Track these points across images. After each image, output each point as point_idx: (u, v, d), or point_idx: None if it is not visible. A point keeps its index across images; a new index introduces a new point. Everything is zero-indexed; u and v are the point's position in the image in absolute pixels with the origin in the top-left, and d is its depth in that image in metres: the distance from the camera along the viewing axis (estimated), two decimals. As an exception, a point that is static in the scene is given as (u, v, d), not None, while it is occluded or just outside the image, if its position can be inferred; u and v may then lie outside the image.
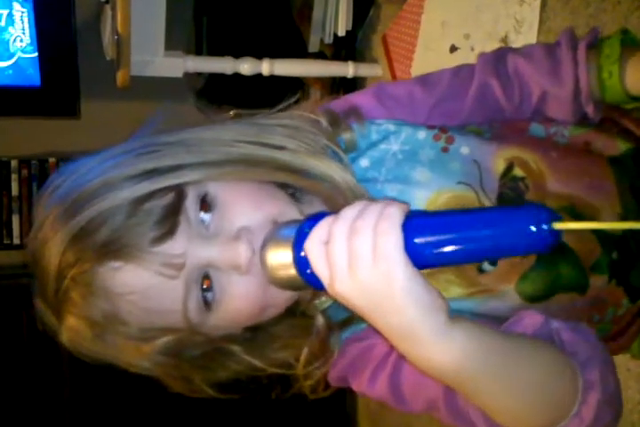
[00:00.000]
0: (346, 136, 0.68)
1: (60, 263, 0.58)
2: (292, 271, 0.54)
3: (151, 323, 0.60)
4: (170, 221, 0.57)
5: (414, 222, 0.48)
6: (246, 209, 0.61)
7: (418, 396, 0.62)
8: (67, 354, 0.64)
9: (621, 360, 1.04)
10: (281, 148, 0.64)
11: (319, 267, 0.50)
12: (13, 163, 2.42)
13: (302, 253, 0.52)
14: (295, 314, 0.66)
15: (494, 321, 0.59)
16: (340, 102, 0.73)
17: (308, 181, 0.63)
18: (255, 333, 0.65)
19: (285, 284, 0.56)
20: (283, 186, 0.65)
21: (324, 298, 0.66)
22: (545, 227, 0.43)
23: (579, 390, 0.53)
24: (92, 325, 0.59)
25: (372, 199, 0.57)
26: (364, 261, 0.47)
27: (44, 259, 0.59)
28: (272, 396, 0.67)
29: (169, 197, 0.58)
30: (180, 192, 0.59)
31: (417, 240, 0.47)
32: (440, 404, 0.59)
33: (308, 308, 0.66)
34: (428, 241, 0.47)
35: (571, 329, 0.56)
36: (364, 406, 2.54)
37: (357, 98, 0.74)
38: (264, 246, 0.56)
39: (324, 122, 0.68)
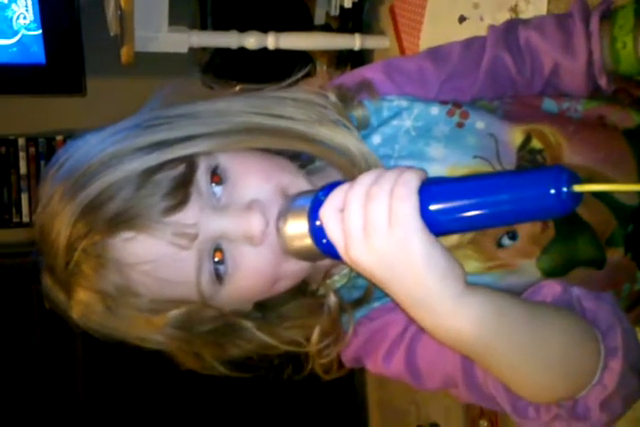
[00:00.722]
0: (357, 113, 0.67)
1: (71, 235, 0.57)
2: (308, 241, 0.53)
3: (163, 294, 0.59)
4: (181, 191, 0.57)
5: (431, 188, 0.47)
6: (256, 181, 0.60)
7: (435, 372, 0.61)
8: (79, 331, 0.63)
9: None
10: (292, 118, 0.63)
11: (334, 234, 0.50)
12: (21, 141, 2.42)
13: (318, 223, 0.52)
14: (306, 294, 0.66)
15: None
16: (351, 77, 0.72)
17: (320, 148, 0.63)
18: (265, 312, 0.65)
19: (302, 254, 0.56)
20: (294, 158, 0.65)
21: (336, 277, 0.66)
22: (565, 189, 0.43)
23: (601, 357, 0.52)
24: (103, 297, 0.59)
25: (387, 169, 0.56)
26: (379, 227, 0.47)
27: (54, 232, 0.58)
28: (284, 376, 0.67)
29: (180, 169, 0.57)
30: (190, 163, 0.58)
31: (433, 206, 0.46)
32: (458, 379, 0.59)
33: (319, 288, 0.66)
34: (445, 207, 0.46)
35: (592, 296, 0.55)
36: (372, 374, 2.57)
37: (366, 73, 0.72)
38: (279, 217, 0.56)
39: (332, 97, 0.67)
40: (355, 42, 2.07)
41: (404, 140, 0.67)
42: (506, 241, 0.64)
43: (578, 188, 0.43)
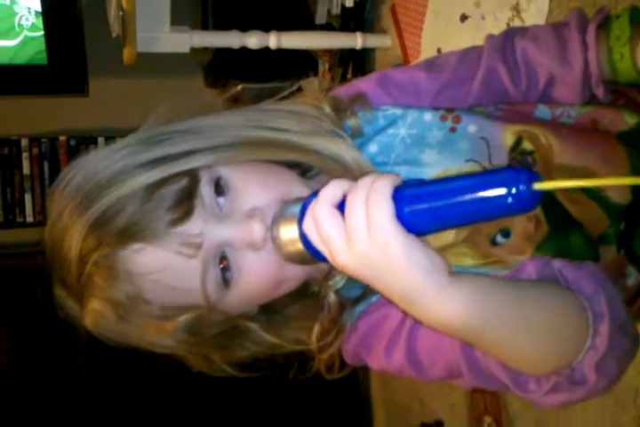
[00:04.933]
0: (351, 122, 0.70)
1: (82, 249, 0.60)
2: (300, 246, 0.56)
3: (172, 301, 0.61)
4: (185, 204, 0.59)
5: (404, 193, 0.50)
6: (256, 190, 0.62)
7: (436, 362, 0.63)
8: (84, 332, 0.65)
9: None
10: (288, 130, 0.66)
11: (318, 243, 0.52)
12: (24, 141, 2.43)
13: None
14: (308, 295, 0.68)
15: None
16: (346, 89, 0.74)
17: (315, 157, 0.66)
18: (270, 314, 0.67)
19: (296, 258, 0.58)
20: (293, 166, 0.67)
21: (338, 278, 0.68)
22: (524, 189, 0.45)
23: (590, 324, 0.54)
24: (115, 306, 0.61)
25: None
26: (359, 233, 0.49)
27: (65, 246, 0.61)
28: (289, 376, 0.69)
29: (183, 182, 0.60)
30: (193, 177, 0.61)
31: (408, 209, 0.49)
32: (462, 366, 0.60)
33: (321, 288, 0.67)
34: (418, 209, 0.49)
35: (573, 266, 0.57)
36: (375, 372, 2.57)
37: (361, 85, 0.74)
38: (273, 223, 0.58)
39: (327, 108, 0.69)
40: (356, 41, 2.07)
41: (399, 148, 0.69)
42: (500, 239, 0.66)
43: (537, 186, 0.45)
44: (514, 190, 0.45)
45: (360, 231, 0.49)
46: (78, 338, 2.20)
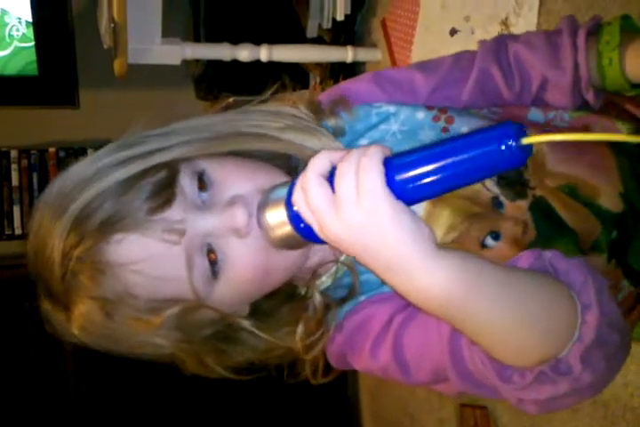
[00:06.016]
0: (330, 122, 0.70)
1: (65, 247, 0.59)
2: (289, 228, 0.55)
3: (159, 293, 0.60)
4: (166, 192, 0.59)
5: (394, 160, 0.50)
6: (239, 181, 0.62)
7: (423, 361, 0.62)
8: (71, 347, 0.64)
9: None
10: (265, 126, 0.67)
11: (307, 215, 0.52)
12: (13, 153, 2.42)
13: (294, 208, 0.54)
14: (295, 297, 0.67)
15: None
16: (328, 92, 0.75)
17: (296, 148, 0.66)
18: (260, 318, 0.66)
19: (285, 243, 0.57)
20: (275, 165, 0.67)
21: (323, 278, 0.68)
22: (513, 143, 0.46)
23: (578, 315, 0.53)
24: (102, 304, 0.60)
25: None
26: (348, 200, 0.49)
27: (47, 250, 0.60)
28: (282, 382, 0.68)
29: (162, 174, 0.60)
30: (171, 168, 0.61)
31: (399, 176, 0.49)
32: (448, 368, 0.59)
33: (308, 289, 0.67)
34: (410, 175, 0.49)
35: (563, 257, 0.56)
36: (365, 386, 2.56)
37: (356, 84, 0.74)
38: (259, 208, 0.58)
39: (302, 108, 0.70)
40: (347, 54, 2.08)
41: (390, 142, 0.69)
42: (489, 241, 0.66)
43: (525, 140, 0.46)
44: (503, 146, 0.46)
45: (349, 197, 0.48)
46: (65, 352, 2.18)
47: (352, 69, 2.22)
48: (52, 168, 2.43)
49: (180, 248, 0.59)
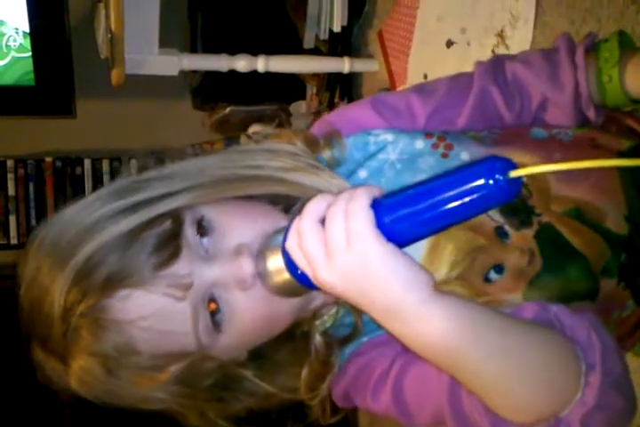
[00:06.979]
0: (325, 155, 0.69)
1: (66, 303, 0.58)
2: (287, 275, 0.54)
3: (162, 349, 0.59)
4: (171, 245, 0.58)
5: (383, 202, 0.49)
6: (241, 227, 0.61)
7: (423, 406, 0.60)
8: (64, 392, 0.62)
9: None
10: (265, 167, 0.65)
11: (301, 262, 0.51)
12: (10, 162, 2.41)
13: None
14: (295, 338, 0.66)
15: None
16: (322, 124, 0.74)
17: (298, 188, 0.65)
18: (260, 361, 0.65)
19: (284, 290, 0.57)
20: (275, 204, 0.66)
21: (326, 317, 0.67)
22: (501, 177, 0.44)
23: (582, 374, 0.51)
24: (103, 360, 0.59)
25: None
26: (338, 245, 0.48)
27: (46, 304, 0.59)
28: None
29: (166, 224, 0.58)
30: (176, 218, 0.59)
31: (388, 218, 0.48)
32: (445, 413, 0.57)
33: (309, 328, 0.66)
34: (399, 216, 0.48)
35: (570, 312, 0.55)
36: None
37: (354, 110, 0.74)
38: (258, 255, 0.57)
39: (299, 144, 0.69)
40: (344, 65, 2.09)
41: (389, 173, 0.68)
42: (493, 275, 0.64)
43: (514, 173, 0.45)
44: (491, 181, 0.45)
45: (339, 242, 0.48)
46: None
47: (349, 80, 2.23)
48: (48, 178, 2.42)
49: (186, 303, 0.58)
